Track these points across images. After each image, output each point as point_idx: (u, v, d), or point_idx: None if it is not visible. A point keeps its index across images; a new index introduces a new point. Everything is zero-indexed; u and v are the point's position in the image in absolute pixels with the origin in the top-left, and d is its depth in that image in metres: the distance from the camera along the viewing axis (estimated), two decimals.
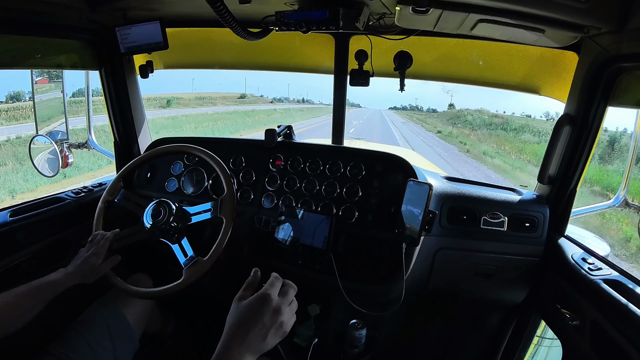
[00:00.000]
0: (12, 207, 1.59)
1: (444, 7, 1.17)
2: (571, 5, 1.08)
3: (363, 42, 1.72)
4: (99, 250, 1.36)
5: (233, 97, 35.39)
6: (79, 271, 1.30)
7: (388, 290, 1.47)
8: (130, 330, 1.45)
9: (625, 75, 1.31)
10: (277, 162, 1.75)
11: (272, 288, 0.85)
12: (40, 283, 1.22)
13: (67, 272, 1.29)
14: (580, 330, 1.30)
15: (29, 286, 1.19)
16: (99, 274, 1.35)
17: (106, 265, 1.36)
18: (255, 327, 0.79)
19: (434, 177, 1.71)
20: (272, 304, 0.82)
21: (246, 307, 0.82)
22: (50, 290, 1.23)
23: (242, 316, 0.81)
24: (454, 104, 50.54)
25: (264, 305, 0.82)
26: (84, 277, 1.31)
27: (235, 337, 0.78)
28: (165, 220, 1.38)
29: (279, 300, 0.84)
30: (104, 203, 1.53)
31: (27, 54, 1.60)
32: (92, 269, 1.32)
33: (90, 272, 1.32)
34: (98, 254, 1.35)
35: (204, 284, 1.38)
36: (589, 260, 1.41)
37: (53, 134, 2.01)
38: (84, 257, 1.34)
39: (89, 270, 1.32)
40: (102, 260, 1.35)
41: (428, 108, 59.62)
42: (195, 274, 1.34)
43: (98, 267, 1.34)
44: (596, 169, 11.36)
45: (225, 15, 1.27)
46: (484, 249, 1.62)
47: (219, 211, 1.40)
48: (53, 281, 1.24)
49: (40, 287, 1.21)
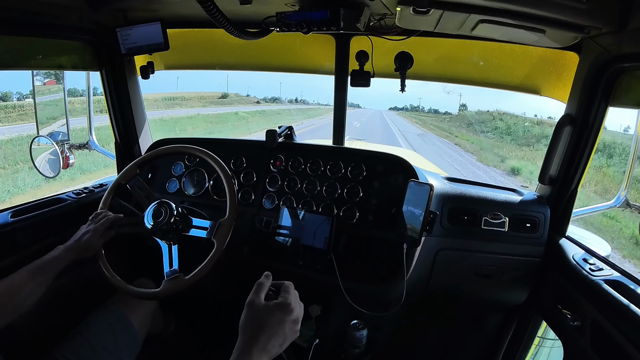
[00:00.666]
0: (13, 207, 1.59)
1: (445, 7, 1.17)
2: (572, 5, 1.08)
3: (364, 43, 1.72)
4: (97, 227, 1.38)
5: (212, 97, 32.49)
6: (75, 247, 1.33)
7: (389, 291, 1.47)
8: (134, 334, 1.46)
9: (626, 76, 1.31)
10: (277, 162, 1.75)
11: (291, 297, 0.88)
12: (42, 261, 1.25)
13: (66, 246, 1.32)
14: (581, 330, 1.30)
15: (33, 265, 1.23)
16: (94, 249, 1.37)
17: (100, 240, 1.38)
18: (276, 335, 0.82)
19: (434, 178, 1.71)
20: (293, 314, 0.85)
21: (269, 314, 0.84)
22: (53, 267, 1.26)
23: (264, 323, 0.82)
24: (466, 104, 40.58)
25: (286, 314, 0.84)
26: (80, 252, 1.34)
27: (257, 343, 0.79)
28: (165, 222, 1.38)
29: (298, 310, 0.87)
30: (116, 184, 1.53)
31: (28, 54, 1.60)
32: (87, 244, 1.35)
33: (85, 247, 1.34)
34: (95, 231, 1.37)
35: (205, 284, 1.38)
36: (590, 261, 1.41)
37: (54, 134, 2.01)
38: (81, 232, 1.38)
39: (84, 245, 1.34)
40: (98, 237, 1.37)
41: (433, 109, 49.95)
42: (171, 289, 1.33)
43: (93, 242, 1.36)
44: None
45: (216, 15, 1.26)
46: (484, 250, 1.62)
47: (214, 234, 1.39)
48: (54, 257, 1.27)
49: (44, 265, 1.24)
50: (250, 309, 0.85)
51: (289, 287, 0.90)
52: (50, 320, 1.49)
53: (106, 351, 1.34)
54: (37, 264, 1.23)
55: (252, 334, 0.81)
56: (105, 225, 1.39)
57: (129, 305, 1.47)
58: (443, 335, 2.01)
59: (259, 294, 0.87)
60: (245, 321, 0.83)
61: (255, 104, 37.99)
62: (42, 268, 1.23)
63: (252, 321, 0.83)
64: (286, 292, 0.89)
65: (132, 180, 1.54)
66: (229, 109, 28.69)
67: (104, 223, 1.40)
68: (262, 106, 37.31)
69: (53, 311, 1.24)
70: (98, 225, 1.38)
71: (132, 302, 1.48)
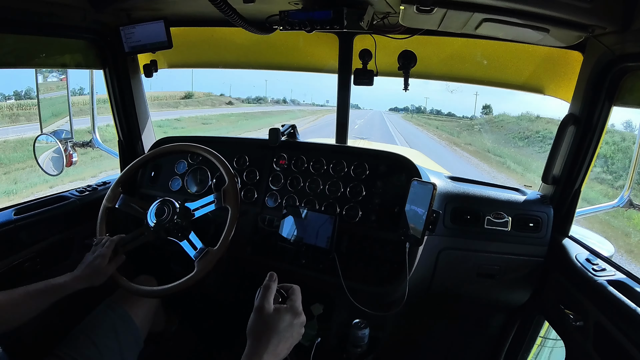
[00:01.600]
0: (17, 205, 1.59)
1: (448, 6, 1.17)
2: (576, 4, 1.08)
3: (367, 42, 1.72)
4: (104, 252, 1.36)
5: (173, 97, 27.45)
6: (86, 274, 1.31)
7: (391, 291, 1.47)
8: (136, 331, 1.46)
9: (630, 75, 1.31)
10: (280, 161, 1.75)
11: (298, 300, 0.89)
12: (46, 285, 1.23)
13: (74, 276, 1.30)
14: (584, 331, 1.30)
15: (36, 287, 1.21)
16: (106, 275, 1.35)
17: (112, 265, 1.36)
18: (286, 338, 0.83)
19: (437, 177, 1.71)
20: (301, 319, 0.87)
21: (279, 319, 0.84)
22: (56, 293, 1.24)
23: (275, 328, 0.83)
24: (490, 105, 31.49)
25: (295, 319, 0.86)
26: (91, 280, 1.32)
27: (267, 348, 0.80)
28: (169, 219, 1.39)
29: (304, 314, 0.88)
30: (105, 210, 1.53)
31: (32, 53, 1.61)
32: (99, 271, 1.33)
33: (97, 275, 1.32)
34: (103, 256, 1.35)
35: (207, 283, 1.39)
36: (593, 261, 1.41)
37: (57, 132, 2.02)
38: (89, 260, 1.35)
39: (95, 273, 1.32)
40: (108, 261, 1.35)
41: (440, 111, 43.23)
42: (208, 265, 1.34)
43: (104, 268, 1.34)
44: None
45: (227, 10, 1.27)
46: (487, 249, 1.62)
47: (224, 201, 1.41)
48: (60, 284, 1.25)
49: (47, 289, 1.22)
50: (259, 314, 0.84)
51: (296, 290, 0.91)
52: (53, 319, 1.49)
53: (109, 349, 1.34)
54: (40, 287, 1.21)
55: (263, 339, 0.81)
56: (111, 248, 1.37)
57: (131, 304, 1.47)
58: (445, 335, 2.01)
59: (268, 299, 0.86)
60: (254, 326, 0.83)
61: (226, 105, 33.39)
62: (44, 292, 1.21)
63: (262, 326, 0.83)
64: (294, 296, 0.89)
65: (119, 200, 1.54)
66: (180, 113, 23.98)
67: (110, 246, 1.38)
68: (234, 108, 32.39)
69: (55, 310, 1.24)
70: (104, 249, 1.36)
71: (135, 300, 1.48)
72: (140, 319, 1.49)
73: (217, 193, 1.43)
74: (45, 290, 1.21)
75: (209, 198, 1.44)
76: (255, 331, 0.83)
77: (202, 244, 1.39)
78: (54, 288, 1.23)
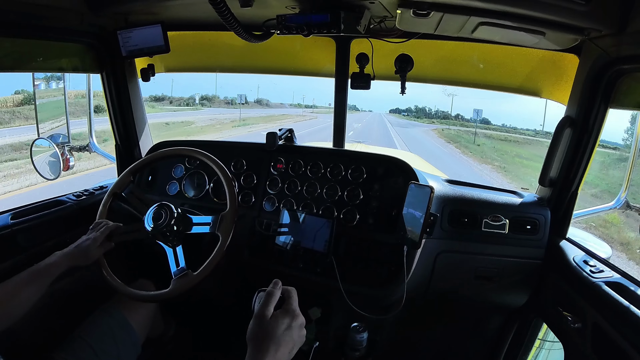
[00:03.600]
0: (14, 209, 1.59)
1: (445, 10, 1.18)
2: (571, 7, 1.08)
3: (364, 45, 1.73)
4: (97, 236, 1.37)
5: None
6: (73, 253, 1.32)
7: (389, 294, 1.47)
8: (134, 336, 1.45)
9: (626, 78, 1.32)
10: (278, 165, 1.75)
11: (295, 303, 0.88)
12: (37, 268, 1.23)
13: (62, 253, 1.30)
14: (582, 333, 1.30)
15: (27, 272, 1.21)
16: (91, 258, 1.35)
17: (99, 250, 1.37)
18: (285, 342, 0.82)
19: (435, 180, 1.71)
20: (299, 320, 0.86)
21: (276, 323, 0.83)
22: (48, 273, 1.24)
23: (273, 332, 0.82)
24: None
25: (293, 321, 0.85)
26: (76, 259, 1.32)
27: (267, 354, 0.79)
28: (166, 224, 1.38)
29: (302, 315, 0.87)
30: (111, 194, 1.53)
31: (29, 57, 1.61)
32: (86, 253, 1.33)
33: (83, 256, 1.33)
34: (95, 239, 1.36)
35: (204, 287, 1.38)
36: (590, 263, 1.41)
37: (54, 136, 2.01)
38: (80, 240, 1.36)
39: (81, 254, 1.33)
40: (97, 245, 1.36)
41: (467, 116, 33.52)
42: (182, 287, 1.34)
43: (92, 251, 1.35)
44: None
45: (228, 17, 1.27)
46: (485, 252, 1.62)
47: (217, 227, 1.39)
48: (49, 264, 1.26)
49: (38, 272, 1.22)
50: (259, 321, 0.84)
51: (292, 292, 0.90)
52: (50, 323, 1.49)
53: (106, 354, 1.33)
54: (31, 271, 1.21)
55: (262, 345, 0.80)
56: (105, 234, 1.38)
57: (129, 308, 1.47)
58: (444, 337, 2.01)
59: (269, 306, 0.86)
60: (254, 333, 0.83)
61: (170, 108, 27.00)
62: (36, 274, 1.21)
63: (260, 333, 0.83)
64: (291, 299, 0.89)
65: (127, 188, 1.54)
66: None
67: (104, 232, 1.39)
68: (195, 113, 25.93)
69: (53, 314, 1.23)
70: (98, 233, 1.38)
71: (132, 304, 1.47)
72: (138, 323, 1.48)
73: (215, 217, 1.42)
74: (37, 273, 1.22)
75: (207, 219, 1.43)
76: (255, 338, 0.82)
77: (184, 264, 1.38)
78: (45, 268, 1.24)
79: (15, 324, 1.15)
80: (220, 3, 1.18)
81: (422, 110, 39.95)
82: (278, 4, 1.41)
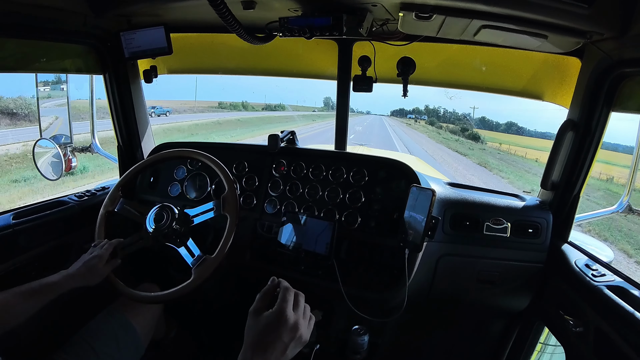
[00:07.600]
0: (15, 209, 1.59)
1: (447, 13, 1.18)
2: (574, 11, 1.08)
3: (366, 48, 1.72)
4: (101, 253, 1.36)
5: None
6: (79, 273, 1.30)
7: (391, 297, 1.47)
8: (137, 339, 1.45)
9: (628, 81, 1.32)
10: (280, 167, 1.75)
11: (286, 303, 0.85)
12: (39, 284, 1.21)
13: (67, 273, 1.29)
14: (584, 336, 1.29)
15: (29, 287, 1.19)
16: (101, 276, 1.34)
17: (107, 267, 1.36)
18: (274, 345, 0.79)
19: (436, 183, 1.71)
20: (289, 322, 0.82)
21: (264, 325, 0.82)
22: (50, 292, 1.22)
23: (261, 333, 0.81)
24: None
25: (281, 323, 0.82)
26: (85, 279, 1.31)
27: (256, 354, 0.78)
28: (167, 225, 1.38)
29: (294, 315, 0.84)
30: (105, 212, 1.54)
31: (32, 58, 1.61)
32: (93, 271, 1.32)
33: (91, 274, 1.32)
34: (100, 257, 1.34)
35: (206, 289, 1.38)
36: (592, 267, 1.41)
37: (57, 137, 2.01)
38: (85, 259, 1.34)
39: (90, 272, 1.32)
40: (104, 263, 1.35)
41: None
42: (204, 272, 1.34)
43: (100, 268, 1.33)
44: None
45: (229, 19, 1.27)
46: (487, 256, 1.61)
47: (223, 208, 1.41)
48: (53, 283, 1.24)
49: (40, 289, 1.21)
50: (251, 318, 0.84)
51: (286, 294, 0.87)
52: (52, 325, 1.49)
53: (109, 356, 1.33)
54: (33, 287, 1.19)
55: (251, 344, 0.80)
56: (109, 251, 1.38)
57: (131, 311, 1.47)
58: (445, 341, 2.00)
59: (262, 302, 0.86)
60: (246, 331, 0.83)
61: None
62: (37, 292, 1.19)
63: (250, 330, 0.82)
64: (283, 300, 0.86)
65: (119, 204, 1.54)
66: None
67: (108, 248, 1.38)
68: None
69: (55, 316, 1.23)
70: (103, 251, 1.37)
71: (135, 307, 1.47)
72: (142, 326, 1.48)
73: (216, 200, 1.43)
74: (38, 290, 1.20)
75: (208, 205, 1.44)
76: (246, 334, 0.82)
77: (200, 251, 1.39)
78: (47, 287, 1.22)
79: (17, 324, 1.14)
80: (220, 5, 1.18)
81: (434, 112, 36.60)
82: (280, 6, 1.42)
